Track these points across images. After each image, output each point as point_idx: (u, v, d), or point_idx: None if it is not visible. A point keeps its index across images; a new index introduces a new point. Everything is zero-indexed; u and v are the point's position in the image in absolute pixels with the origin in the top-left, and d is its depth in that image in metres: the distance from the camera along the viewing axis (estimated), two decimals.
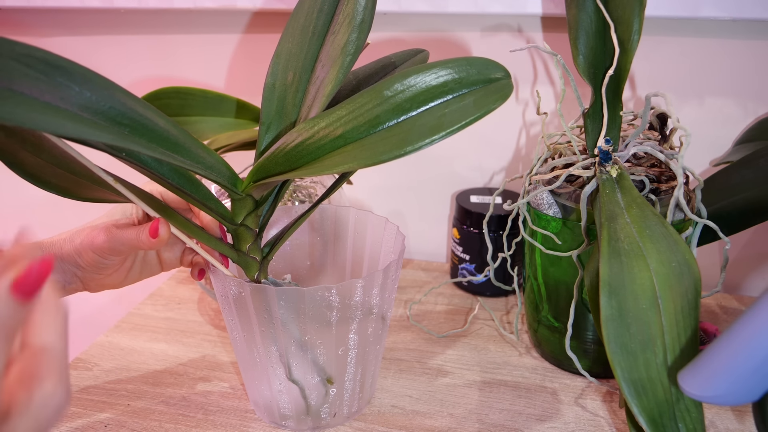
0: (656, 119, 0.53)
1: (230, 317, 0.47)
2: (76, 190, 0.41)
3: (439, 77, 0.36)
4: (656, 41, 0.65)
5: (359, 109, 0.36)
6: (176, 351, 0.61)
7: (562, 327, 0.55)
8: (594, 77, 0.52)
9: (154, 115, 0.34)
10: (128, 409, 0.52)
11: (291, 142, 0.37)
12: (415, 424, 0.51)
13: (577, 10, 0.53)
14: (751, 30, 0.62)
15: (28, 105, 0.26)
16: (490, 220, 0.65)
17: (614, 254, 0.42)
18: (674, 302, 0.40)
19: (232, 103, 0.64)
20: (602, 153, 0.48)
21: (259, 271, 0.45)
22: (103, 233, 0.44)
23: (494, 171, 0.76)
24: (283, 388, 0.48)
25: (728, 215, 0.53)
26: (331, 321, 0.44)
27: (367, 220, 0.55)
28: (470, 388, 0.55)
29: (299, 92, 0.44)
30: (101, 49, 0.81)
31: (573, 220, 0.52)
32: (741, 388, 0.32)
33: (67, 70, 0.29)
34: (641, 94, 0.68)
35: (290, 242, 0.57)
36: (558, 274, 0.55)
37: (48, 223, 0.90)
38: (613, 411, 0.52)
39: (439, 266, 0.79)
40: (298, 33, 0.46)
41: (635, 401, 0.38)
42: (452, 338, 0.63)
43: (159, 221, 0.42)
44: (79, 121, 0.29)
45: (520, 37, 0.68)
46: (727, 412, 0.52)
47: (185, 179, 0.40)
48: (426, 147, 0.32)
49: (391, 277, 0.47)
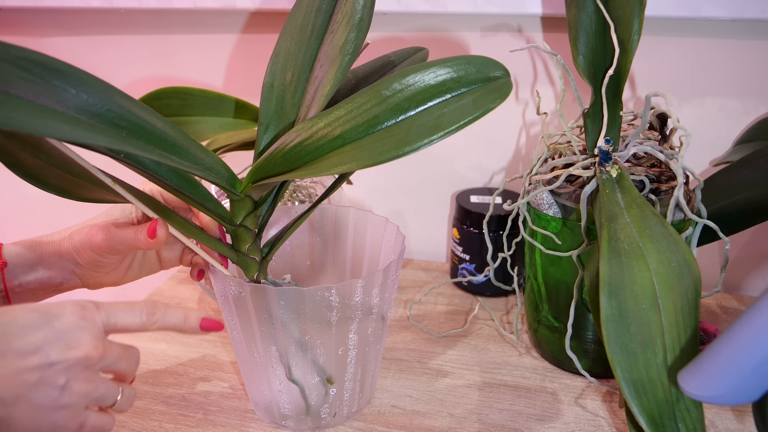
0: (656, 119, 0.53)
1: (230, 317, 0.47)
2: (75, 190, 0.41)
3: (438, 76, 0.36)
4: (656, 41, 0.65)
5: (358, 109, 0.36)
6: (176, 351, 0.61)
7: (562, 327, 0.55)
8: (594, 77, 0.52)
9: (152, 116, 0.34)
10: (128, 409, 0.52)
11: (290, 142, 0.37)
12: (415, 424, 0.51)
13: (577, 10, 0.53)
14: (751, 30, 0.62)
15: (24, 109, 0.26)
16: (490, 220, 0.65)
17: (614, 254, 0.42)
18: (674, 302, 0.40)
19: (232, 103, 0.64)
20: (602, 153, 0.48)
21: (259, 271, 0.45)
22: (101, 232, 0.44)
23: (494, 171, 0.76)
24: (283, 388, 0.48)
25: (728, 215, 0.52)
26: (331, 321, 0.44)
27: (367, 220, 0.54)
28: (470, 388, 0.55)
29: (298, 92, 0.44)
30: (101, 49, 0.81)
31: (573, 220, 0.52)
32: (741, 388, 0.32)
33: (64, 73, 0.29)
34: (641, 94, 0.68)
35: (290, 242, 0.57)
36: (558, 274, 0.55)
37: (47, 223, 0.90)
38: (613, 411, 0.52)
39: (439, 266, 0.79)
40: (296, 32, 0.46)
41: (635, 401, 0.38)
42: (452, 338, 0.63)
43: (157, 222, 0.42)
44: (76, 124, 0.28)
45: (520, 37, 0.68)
46: (727, 412, 0.52)
47: (184, 180, 0.40)
48: (425, 147, 0.32)
49: (391, 277, 0.47)
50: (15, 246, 0.46)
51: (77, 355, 0.35)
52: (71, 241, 0.45)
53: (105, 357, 0.37)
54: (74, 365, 0.35)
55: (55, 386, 0.34)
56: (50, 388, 0.34)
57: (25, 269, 0.46)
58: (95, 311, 0.37)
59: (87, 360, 0.35)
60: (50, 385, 0.34)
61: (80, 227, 0.46)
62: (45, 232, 0.48)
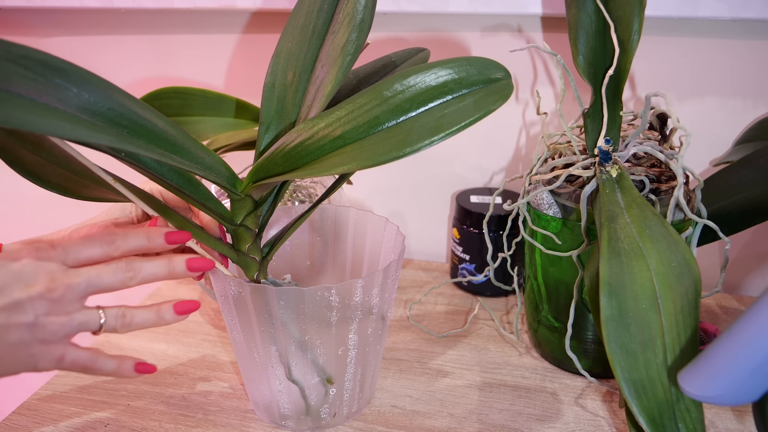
0: (656, 119, 0.53)
1: (230, 317, 0.47)
2: (76, 189, 0.41)
3: (439, 77, 0.36)
4: (656, 41, 0.65)
5: (359, 110, 0.36)
6: (176, 351, 0.61)
7: (562, 327, 0.55)
8: (594, 77, 0.52)
9: (153, 116, 0.34)
10: (128, 409, 0.52)
11: (290, 142, 0.37)
12: (415, 424, 0.51)
13: (577, 10, 0.53)
14: (751, 30, 0.62)
15: (26, 107, 0.26)
16: (490, 220, 0.65)
17: (614, 254, 0.42)
18: (674, 302, 0.40)
19: (232, 103, 0.64)
20: (602, 153, 0.48)
21: (259, 271, 0.45)
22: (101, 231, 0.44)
23: (494, 171, 0.76)
24: (283, 388, 0.48)
25: (728, 215, 0.53)
26: (331, 321, 0.44)
27: (367, 220, 0.54)
28: (470, 388, 0.55)
29: (299, 92, 0.44)
30: (101, 49, 0.81)
31: (573, 220, 0.52)
32: (741, 388, 0.32)
33: (66, 72, 0.29)
34: (641, 94, 0.68)
35: (290, 242, 0.57)
36: (558, 274, 0.55)
37: (48, 222, 0.90)
38: (613, 411, 0.52)
39: (439, 266, 0.79)
40: (297, 32, 0.46)
41: (635, 401, 0.38)
42: (452, 338, 0.63)
43: (158, 221, 0.42)
44: (77, 122, 0.29)
45: (520, 37, 0.68)
46: (727, 412, 0.52)
47: (184, 179, 0.40)
48: (425, 148, 0.32)
49: (391, 277, 0.47)
50: (15, 245, 0.46)
51: (38, 290, 0.36)
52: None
53: (72, 286, 0.37)
54: (37, 300, 0.36)
55: (23, 324, 0.35)
56: (19, 327, 0.35)
57: None
58: (50, 249, 0.38)
59: (49, 293, 0.36)
60: (18, 324, 0.35)
61: (79, 227, 0.46)
62: (45, 231, 0.48)
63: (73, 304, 0.38)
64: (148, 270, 0.40)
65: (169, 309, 0.42)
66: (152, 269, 0.40)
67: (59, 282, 0.37)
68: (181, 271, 0.41)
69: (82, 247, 0.39)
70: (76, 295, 0.37)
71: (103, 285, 0.38)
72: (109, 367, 0.41)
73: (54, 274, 0.37)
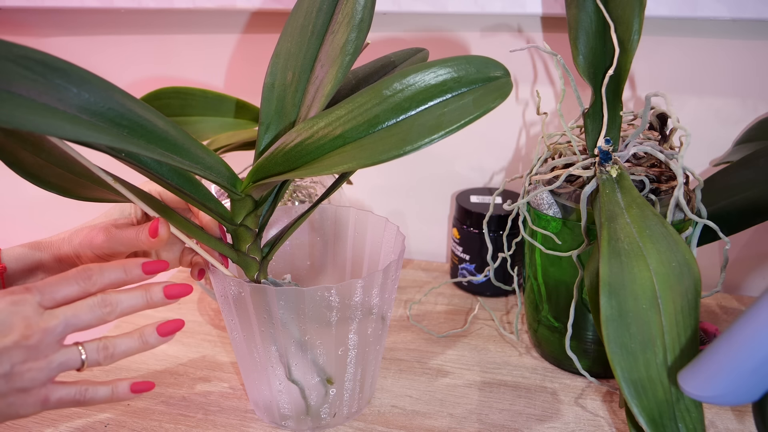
0: (656, 119, 0.53)
1: (230, 317, 0.47)
2: (76, 189, 0.41)
3: (438, 76, 0.36)
4: (656, 41, 0.65)
5: (358, 109, 0.36)
6: (176, 351, 0.61)
7: (562, 327, 0.55)
8: (594, 77, 0.52)
9: (153, 116, 0.34)
10: (128, 409, 0.52)
11: (290, 142, 0.37)
12: (415, 424, 0.51)
13: (577, 10, 0.53)
14: (751, 30, 0.62)
15: (26, 107, 0.26)
16: (490, 220, 0.65)
17: (614, 254, 0.42)
18: (674, 302, 0.40)
19: (232, 103, 0.64)
20: (602, 153, 0.48)
21: (259, 271, 0.45)
22: (102, 233, 0.44)
23: (494, 171, 0.76)
24: (283, 388, 0.48)
25: (728, 215, 0.53)
26: (330, 321, 0.44)
27: (367, 220, 0.54)
28: (470, 388, 0.55)
29: (298, 92, 0.44)
30: (101, 49, 0.81)
31: (573, 220, 0.52)
32: (741, 388, 0.32)
33: (66, 72, 0.29)
34: (641, 94, 0.68)
35: (290, 242, 0.57)
36: (558, 274, 0.55)
37: (48, 222, 0.91)
38: (613, 411, 0.52)
39: (439, 266, 0.79)
40: (297, 32, 0.46)
41: (635, 401, 0.38)
42: (452, 338, 0.63)
43: (158, 221, 0.42)
44: (77, 122, 0.29)
45: (520, 37, 0.68)
46: (727, 412, 0.52)
47: (185, 180, 0.40)
48: (425, 146, 0.32)
49: (391, 277, 0.47)
50: (14, 250, 0.46)
51: (13, 339, 0.35)
52: (71, 244, 0.45)
53: (48, 329, 0.36)
54: (13, 350, 0.35)
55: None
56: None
57: (25, 273, 0.46)
58: (24, 292, 0.36)
59: (25, 340, 0.35)
60: None
61: (79, 229, 0.46)
62: (45, 232, 0.48)
63: (51, 348, 0.36)
64: (126, 303, 0.39)
65: (152, 332, 0.41)
66: (130, 301, 0.39)
67: (35, 327, 0.36)
68: (158, 300, 0.41)
69: (57, 286, 0.38)
70: (53, 338, 0.36)
71: (81, 324, 0.37)
72: (102, 395, 0.40)
73: (29, 320, 0.35)
